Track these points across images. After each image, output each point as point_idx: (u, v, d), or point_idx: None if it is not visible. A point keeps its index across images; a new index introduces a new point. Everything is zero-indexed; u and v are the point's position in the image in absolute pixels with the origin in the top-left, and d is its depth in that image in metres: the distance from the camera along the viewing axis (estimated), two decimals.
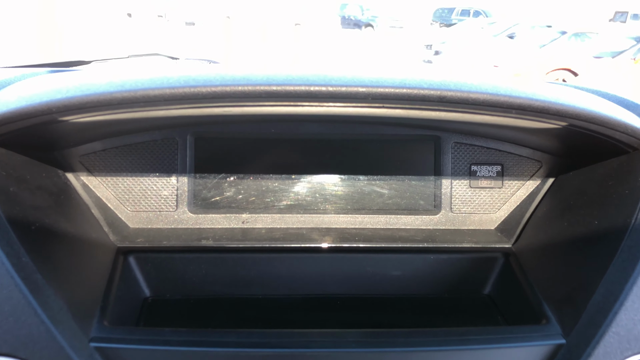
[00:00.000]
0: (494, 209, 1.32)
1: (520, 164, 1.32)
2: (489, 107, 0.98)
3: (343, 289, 1.20)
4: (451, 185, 1.31)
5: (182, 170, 1.27)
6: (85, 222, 1.15)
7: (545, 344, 0.93)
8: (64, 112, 0.95)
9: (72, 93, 0.95)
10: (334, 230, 1.27)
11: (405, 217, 1.30)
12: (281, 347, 0.89)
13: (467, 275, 1.22)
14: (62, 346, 0.83)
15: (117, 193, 1.25)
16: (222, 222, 1.28)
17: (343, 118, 1.17)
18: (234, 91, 0.92)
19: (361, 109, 1.00)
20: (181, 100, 0.93)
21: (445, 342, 0.91)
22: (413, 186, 1.31)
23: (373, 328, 1.12)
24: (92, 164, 1.24)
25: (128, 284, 1.11)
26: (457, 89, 0.95)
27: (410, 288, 1.21)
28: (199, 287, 1.17)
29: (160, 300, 1.15)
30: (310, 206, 1.30)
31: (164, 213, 1.27)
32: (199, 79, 0.94)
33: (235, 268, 1.18)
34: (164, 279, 1.16)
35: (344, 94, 0.93)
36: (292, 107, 1.00)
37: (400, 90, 0.93)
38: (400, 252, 1.21)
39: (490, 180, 1.32)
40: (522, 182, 1.32)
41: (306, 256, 1.20)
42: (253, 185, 1.29)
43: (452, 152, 1.31)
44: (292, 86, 0.92)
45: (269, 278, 1.18)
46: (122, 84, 0.94)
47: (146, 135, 1.25)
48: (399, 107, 0.98)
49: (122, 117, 1.04)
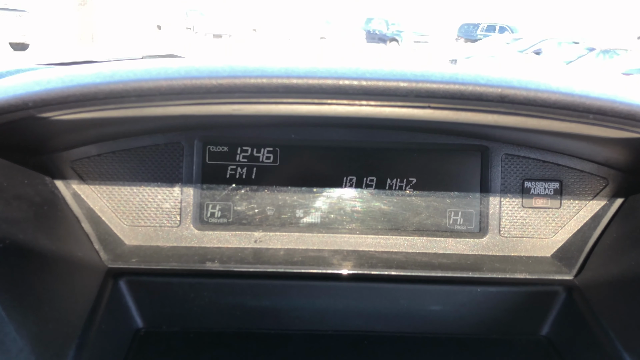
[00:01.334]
0: (551, 233, 1.12)
1: (582, 181, 1.12)
2: (561, 111, 0.79)
3: (372, 325, 1.01)
4: (500, 205, 1.12)
5: (187, 179, 1.10)
6: (71, 238, 0.99)
7: None
8: (41, 107, 0.79)
9: (52, 85, 0.79)
10: (361, 254, 1.09)
11: (446, 241, 1.11)
12: None
13: (520, 313, 1.02)
14: None
15: (112, 204, 1.09)
16: (231, 240, 1.11)
17: (377, 122, 0.99)
18: (245, 84, 0.75)
19: (401, 110, 0.82)
20: (181, 94, 0.76)
21: None
22: (456, 204, 1.12)
23: None
24: (85, 171, 1.08)
25: (117, 313, 0.94)
26: (522, 86, 0.77)
27: (453, 326, 1.01)
28: (201, 319, 1.00)
29: (155, 332, 0.98)
30: (334, 225, 1.12)
31: (165, 229, 1.10)
32: (203, 70, 0.77)
33: (244, 297, 1.00)
34: (161, 308, 0.99)
35: (380, 90, 0.75)
36: (315, 106, 0.82)
37: (451, 86, 0.75)
38: (440, 282, 1.02)
39: (546, 199, 1.13)
40: (585, 202, 1.12)
41: (328, 285, 1.01)
42: (268, 198, 1.11)
43: (502, 166, 1.12)
44: (317, 79, 0.75)
45: (283, 310, 1.00)
46: (112, 75, 0.78)
47: (147, 139, 1.09)
48: (448, 107, 0.80)
49: (113, 116, 0.88)
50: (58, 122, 0.88)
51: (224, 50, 17.94)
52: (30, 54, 9.33)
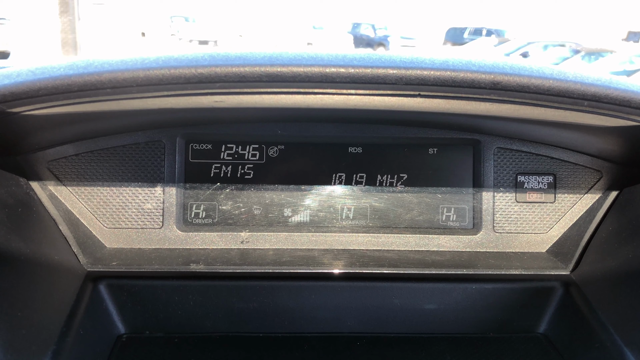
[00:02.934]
0: (545, 227, 1.10)
1: (576, 174, 1.10)
2: (555, 97, 0.76)
3: (364, 326, 0.97)
4: (493, 200, 1.09)
5: (169, 179, 1.06)
6: (47, 241, 0.94)
7: None
8: (10, 101, 0.75)
9: (22, 78, 0.75)
10: (352, 253, 1.05)
11: (439, 238, 1.08)
12: None
13: (517, 310, 0.99)
14: None
15: (91, 206, 1.05)
16: (217, 241, 1.07)
17: (365, 114, 0.96)
18: (226, 73, 0.71)
19: (390, 99, 0.79)
20: (159, 85, 0.72)
21: None
22: (448, 200, 1.09)
23: None
24: (62, 172, 1.04)
25: (97, 318, 0.90)
26: (516, 73, 0.74)
27: (448, 325, 0.98)
28: (186, 323, 0.95)
29: (138, 338, 0.93)
30: (324, 223, 1.08)
31: (147, 230, 1.06)
32: (182, 59, 0.73)
33: (230, 299, 0.96)
34: (143, 312, 0.95)
35: (369, 77, 0.72)
36: (301, 96, 0.79)
37: (443, 73, 0.72)
38: (434, 280, 0.99)
39: (540, 193, 1.10)
40: (579, 196, 1.10)
41: (318, 285, 0.98)
42: (254, 197, 1.07)
43: (495, 160, 1.09)
44: (303, 67, 0.71)
45: (272, 311, 0.96)
46: (86, 66, 0.74)
47: (127, 138, 1.05)
48: (439, 95, 0.77)
49: (88, 110, 0.84)
50: (30, 117, 0.84)
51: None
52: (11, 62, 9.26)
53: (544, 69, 0.77)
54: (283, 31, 24.40)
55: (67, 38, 12.93)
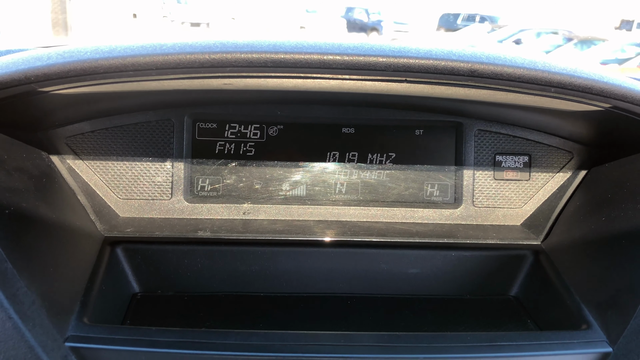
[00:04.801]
0: (520, 203, 1.20)
1: (549, 155, 1.20)
2: (525, 84, 0.86)
3: (354, 287, 1.08)
4: (473, 177, 1.20)
5: (178, 155, 1.15)
6: (69, 208, 1.04)
7: (589, 352, 0.81)
8: (43, 81, 0.83)
9: (53, 60, 0.83)
10: (344, 223, 1.16)
11: (423, 211, 1.19)
12: (286, 352, 0.77)
13: (491, 275, 1.10)
14: (31, 345, 0.71)
15: (106, 179, 1.14)
16: (221, 212, 1.16)
17: (358, 97, 1.06)
18: (235, 59, 0.81)
19: (380, 84, 0.89)
20: (176, 68, 0.82)
21: (475, 349, 0.79)
22: (432, 177, 1.20)
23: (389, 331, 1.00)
24: (80, 147, 1.12)
25: (115, 278, 1.00)
26: (490, 62, 0.84)
27: (429, 288, 1.09)
28: (194, 283, 1.05)
29: (151, 296, 1.04)
30: (318, 197, 1.18)
31: (157, 201, 1.16)
32: (197, 46, 0.83)
33: (234, 262, 1.06)
34: (155, 274, 1.05)
35: (361, 64, 0.82)
36: (301, 80, 0.88)
37: (425, 61, 0.82)
38: (417, 248, 1.09)
39: (516, 172, 1.20)
40: (552, 175, 1.20)
41: (314, 250, 1.08)
42: (256, 172, 1.17)
43: (475, 141, 1.19)
44: (303, 54, 0.81)
45: (272, 274, 1.07)
46: (110, 51, 0.83)
47: (139, 116, 1.14)
48: (423, 81, 0.87)
49: (110, 90, 0.93)
50: (56, 96, 0.93)
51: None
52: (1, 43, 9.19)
53: (516, 59, 0.87)
54: (276, 14, 24.23)
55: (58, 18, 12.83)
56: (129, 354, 0.76)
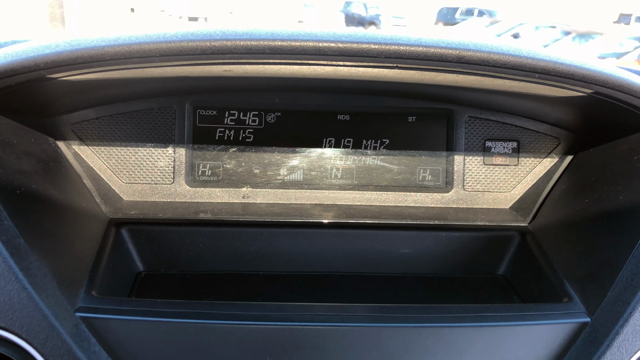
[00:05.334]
0: (509, 187, 1.25)
1: (537, 141, 1.25)
2: (511, 70, 0.91)
3: (349, 266, 1.13)
4: (464, 162, 1.25)
5: (179, 140, 1.20)
6: (75, 191, 1.08)
7: (569, 322, 0.86)
8: (52, 68, 0.88)
9: (61, 48, 0.88)
10: (340, 206, 1.20)
11: (415, 195, 1.24)
12: (284, 321, 0.82)
13: (480, 255, 1.15)
14: (45, 314, 0.76)
15: (110, 164, 1.18)
16: (221, 196, 1.21)
17: (352, 84, 1.10)
18: (235, 46, 0.85)
19: (373, 70, 0.93)
20: (178, 55, 0.86)
21: (461, 319, 0.84)
22: (424, 162, 1.24)
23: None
24: (85, 133, 1.17)
25: (120, 256, 1.04)
26: (477, 49, 0.88)
27: (421, 267, 1.14)
28: (196, 262, 1.10)
29: (155, 275, 1.08)
30: (315, 181, 1.23)
31: (159, 186, 1.20)
32: (198, 34, 0.87)
33: (234, 243, 1.11)
34: (159, 253, 1.09)
35: (354, 51, 0.86)
36: (297, 67, 0.93)
37: (415, 48, 0.86)
38: (410, 229, 1.14)
39: (505, 157, 1.25)
40: (539, 160, 1.25)
41: (310, 232, 1.13)
42: (254, 158, 1.22)
43: (466, 127, 1.24)
44: (299, 41, 0.85)
45: (270, 254, 1.11)
46: (116, 39, 0.87)
47: (142, 103, 1.18)
48: (414, 67, 0.91)
49: (115, 77, 0.97)
50: (62, 83, 0.97)
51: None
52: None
53: (502, 46, 0.92)
54: (274, 8, 24.21)
55: (55, 13, 12.83)
56: (136, 323, 0.81)
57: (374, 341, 0.82)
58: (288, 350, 0.81)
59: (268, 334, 0.82)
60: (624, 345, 0.81)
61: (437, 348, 0.82)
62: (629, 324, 0.82)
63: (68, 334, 0.76)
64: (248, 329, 0.82)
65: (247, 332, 0.82)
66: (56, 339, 0.75)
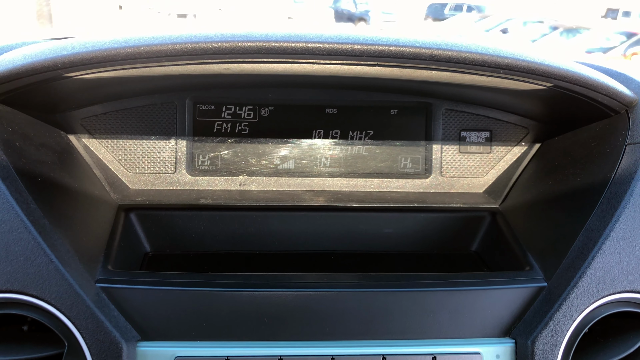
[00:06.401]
0: (482, 173, 1.37)
1: (508, 131, 1.37)
2: (478, 67, 1.02)
3: (337, 245, 1.24)
4: (441, 151, 1.36)
5: (180, 133, 1.30)
6: (87, 179, 1.19)
7: (528, 286, 0.98)
8: (69, 67, 0.98)
9: (77, 49, 0.98)
10: (328, 192, 1.32)
11: (397, 181, 1.35)
12: (278, 288, 0.94)
13: (455, 233, 1.26)
14: (70, 284, 0.87)
15: (117, 155, 1.29)
16: (219, 184, 1.32)
17: (339, 80, 1.21)
18: (234, 47, 0.96)
19: (356, 67, 1.05)
20: (183, 55, 0.97)
21: (434, 285, 0.96)
22: (405, 151, 1.36)
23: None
24: (93, 127, 1.27)
25: (129, 238, 1.15)
26: (448, 48, 1.00)
27: (402, 245, 1.25)
28: (198, 243, 1.21)
29: (161, 254, 1.19)
30: (305, 169, 1.34)
31: (163, 175, 1.31)
32: (200, 36, 0.98)
33: (232, 225, 1.22)
34: (164, 235, 1.20)
35: (340, 51, 0.97)
36: (289, 65, 1.04)
37: (393, 48, 0.98)
38: (392, 211, 1.26)
39: (479, 145, 1.37)
40: (510, 148, 1.37)
41: (301, 215, 1.24)
42: (250, 148, 1.33)
43: (443, 119, 1.36)
44: (290, 42, 0.96)
45: (265, 235, 1.22)
46: (126, 41, 0.98)
47: (145, 99, 1.28)
48: (392, 65, 1.02)
49: (124, 75, 1.08)
50: (75, 81, 1.07)
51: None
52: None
53: (471, 45, 1.03)
54: (263, 5, 24.22)
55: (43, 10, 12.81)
56: (148, 292, 0.92)
57: (358, 304, 0.94)
58: (282, 313, 0.93)
59: (265, 300, 0.93)
60: (573, 304, 0.93)
61: (413, 310, 0.94)
62: (578, 286, 0.94)
63: (91, 300, 0.87)
64: (247, 295, 0.93)
65: (246, 298, 0.93)
66: (81, 305, 0.86)
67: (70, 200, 1.07)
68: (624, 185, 1.03)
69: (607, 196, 1.03)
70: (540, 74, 1.04)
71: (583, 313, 0.93)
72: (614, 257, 0.96)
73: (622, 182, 1.04)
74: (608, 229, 0.97)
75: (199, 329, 0.91)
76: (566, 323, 0.93)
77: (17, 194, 0.91)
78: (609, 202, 1.02)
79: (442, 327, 0.94)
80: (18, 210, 0.89)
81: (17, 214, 0.89)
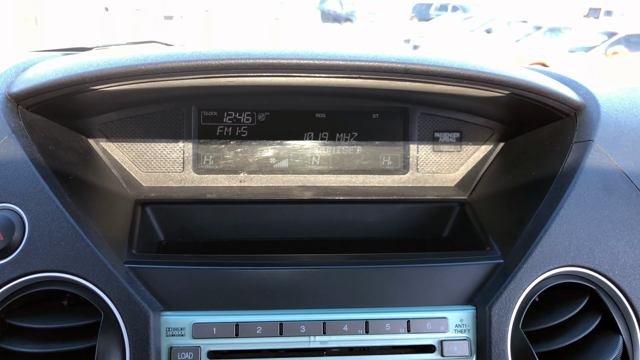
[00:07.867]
0: (454, 169, 1.55)
1: (476, 131, 1.55)
2: (446, 78, 1.21)
3: (327, 233, 1.42)
4: (417, 150, 1.54)
5: (187, 137, 1.47)
6: (106, 178, 1.35)
7: (488, 262, 1.17)
8: (95, 82, 1.15)
9: (102, 66, 1.15)
10: (318, 187, 1.49)
11: (379, 177, 1.53)
12: (278, 266, 1.11)
13: (429, 221, 1.45)
14: (104, 264, 1.04)
15: (131, 156, 1.45)
16: (222, 181, 1.49)
17: (327, 89, 1.39)
18: (237, 63, 1.13)
19: (342, 79, 1.23)
20: (194, 71, 1.14)
21: (409, 262, 1.15)
22: (385, 150, 1.54)
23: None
24: (110, 132, 1.43)
25: (146, 229, 1.32)
26: (419, 62, 1.18)
27: (383, 232, 1.43)
28: (206, 233, 1.38)
29: (173, 243, 1.36)
30: (298, 167, 1.52)
31: (171, 174, 1.47)
32: (208, 54, 1.15)
33: (235, 216, 1.39)
34: (176, 226, 1.37)
35: (327, 66, 1.15)
36: (284, 78, 1.22)
37: (372, 63, 1.16)
38: (374, 203, 1.44)
39: (450, 145, 1.55)
40: (477, 147, 1.55)
41: (296, 207, 1.41)
42: (249, 150, 1.50)
43: (419, 122, 1.54)
44: (286, 59, 1.14)
45: (264, 224, 1.40)
46: (145, 58, 1.15)
47: (156, 107, 1.45)
48: (372, 77, 1.21)
49: (140, 87, 1.24)
50: (98, 93, 1.24)
51: (177, 32, 17.69)
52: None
53: (439, 59, 1.21)
54: (249, 6, 24.28)
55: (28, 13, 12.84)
56: (170, 270, 1.09)
57: (345, 278, 1.12)
58: (281, 287, 1.11)
59: (266, 276, 1.11)
60: (524, 276, 1.12)
61: (391, 282, 1.12)
62: (528, 262, 1.13)
63: (122, 277, 1.04)
64: (252, 272, 1.10)
65: (251, 274, 1.11)
66: (114, 282, 1.03)
67: (96, 195, 1.23)
68: (569, 178, 1.22)
69: (554, 187, 1.22)
70: (499, 83, 1.23)
71: (532, 284, 1.12)
72: (558, 238, 1.14)
73: (567, 175, 1.23)
74: (554, 215, 1.16)
75: (212, 301, 1.09)
76: (518, 292, 1.11)
77: (56, 190, 1.08)
78: (556, 192, 1.21)
79: (415, 297, 1.13)
80: (58, 203, 1.06)
81: (57, 207, 1.05)
